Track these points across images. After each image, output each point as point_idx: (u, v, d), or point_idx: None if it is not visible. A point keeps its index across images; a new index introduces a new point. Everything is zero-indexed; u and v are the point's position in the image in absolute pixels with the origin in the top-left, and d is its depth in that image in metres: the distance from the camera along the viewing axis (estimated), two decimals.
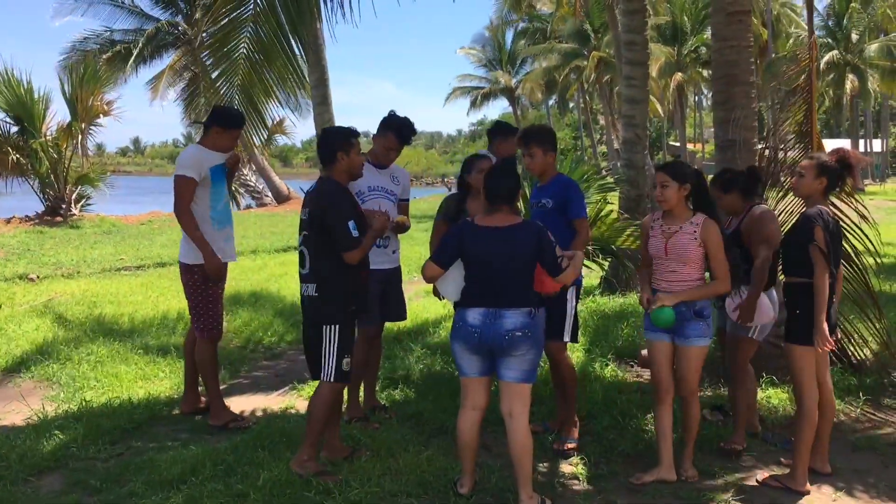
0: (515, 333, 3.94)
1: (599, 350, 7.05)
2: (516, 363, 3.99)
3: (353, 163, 4.49)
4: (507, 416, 4.03)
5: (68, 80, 21.42)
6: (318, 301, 4.40)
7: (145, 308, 9.13)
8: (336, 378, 4.39)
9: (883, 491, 4.43)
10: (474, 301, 4.05)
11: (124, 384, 6.21)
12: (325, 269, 4.38)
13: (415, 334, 7.94)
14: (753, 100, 6.45)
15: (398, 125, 5.29)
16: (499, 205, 4.09)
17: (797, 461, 4.41)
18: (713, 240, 4.31)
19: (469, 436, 4.13)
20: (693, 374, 4.42)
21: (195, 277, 5.34)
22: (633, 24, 10.34)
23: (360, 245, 4.35)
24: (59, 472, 4.58)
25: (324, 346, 4.39)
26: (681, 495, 4.29)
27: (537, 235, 4.05)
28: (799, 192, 4.65)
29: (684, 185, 4.37)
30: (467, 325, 4.03)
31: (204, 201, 5.34)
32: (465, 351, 4.07)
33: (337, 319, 4.38)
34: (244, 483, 4.17)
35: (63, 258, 14.19)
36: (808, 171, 4.50)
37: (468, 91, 60.04)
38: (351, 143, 4.49)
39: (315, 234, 4.39)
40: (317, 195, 4.42)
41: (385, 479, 4.28)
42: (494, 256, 4.01)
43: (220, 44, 7.15)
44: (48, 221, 20.27)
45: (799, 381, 4.44)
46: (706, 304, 4.38)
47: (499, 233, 4.03)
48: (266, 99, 7.22)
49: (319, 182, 4.50)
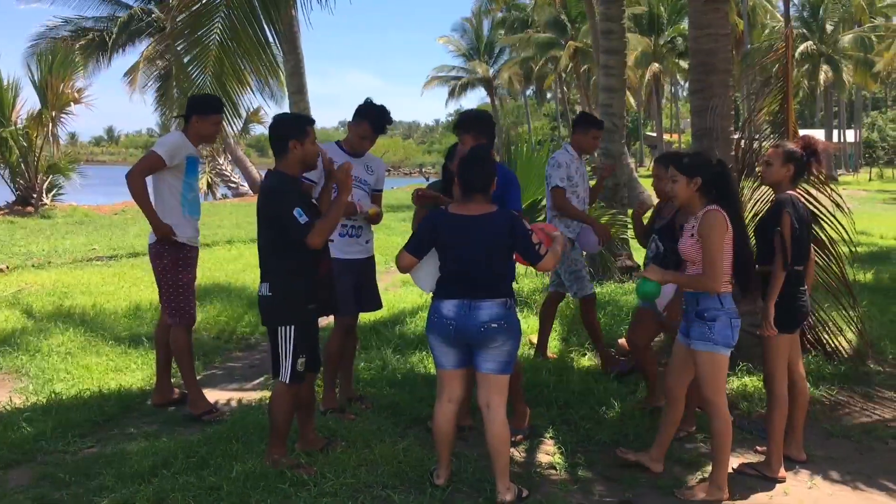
0: (491, 325, 3.90)
1: (576, 339, 7.05)
2: (493, 355, 3.95)
3: (308, 152, 4.26)
4: (485, 408, 3.99)
5: (37, 67, 21.07)
6: (272, 301, 4.22)
7: (117, 298, 9.00)
8: (291, 380, 4.25)
9: (858, 478, 4.46)
10: (449, 293, 4.00)
11: (95, 376, 6.11)
12: (278, 268, 4.20)
13: (391, 324, 7.89)
14: (730, 88, 6.45)
15: (373, 113, 5.20)
16: (472, 193, 4.02)
17: (771, 448, 4.42)
18: (705, 233, 4.02)
19: (446, 428, 4.10)
20: (704, 382, 4.12)
21: (164, 262, 5.27)
22: (610, 12, 10.33)
23: (316, 227, 4.07)
24: (27, 466, 4.48)
25: (280, 346, 4.23)
26: (658, 484, 4.29)
27: (510, 223, 3.99)
28: (767, 181, 4.65)
29: (693, 179, 4.13)
30: (442, 317, 3.98)
31: (176, 188, 5.29)
32: (441, 343, 4.03)
33: (291, 320, 4.21)
34: (217, 475, 4.10)
35: (34, 248, 13.97)
36: (776, 159, 4.50)
37: (446, 81, 59.93)
38: (305, 131, 4.26)
39: (264, 231, 4.22)
40: (262, 190, 4.25)
41: (361, 470, 4.24)
42: (467, 245, 3.95)
43: (192, 30, 7.03)
44: (18, 211, 19.99)
45: (771, 367, 4.46)
46: (711, 306, 4.06)
47: (472, 221, 3.97)
48: (239, 87, 7.12)
49: (266, 175, 4.30)
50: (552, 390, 5.61)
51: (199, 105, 5.40)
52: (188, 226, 5.35)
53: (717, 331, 4.04)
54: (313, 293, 4.30)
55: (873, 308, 8.04)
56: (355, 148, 5.25)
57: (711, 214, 4.05)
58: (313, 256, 4.24)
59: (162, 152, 5.16)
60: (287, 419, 4.33)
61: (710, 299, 4.07)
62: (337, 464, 4.29)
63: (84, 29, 26.17)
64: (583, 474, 4.43)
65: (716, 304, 4.05)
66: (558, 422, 5.15)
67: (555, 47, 46.84)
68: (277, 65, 8.09)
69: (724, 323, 4.05)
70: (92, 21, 26.52)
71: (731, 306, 4.09)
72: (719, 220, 4.03)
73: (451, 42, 60.14)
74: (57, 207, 21.37)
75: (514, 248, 4.01)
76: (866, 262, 11.37)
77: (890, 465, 4.66)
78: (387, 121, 5.27)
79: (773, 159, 4.52)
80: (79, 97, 21.86)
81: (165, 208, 5.25)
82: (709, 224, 4.03)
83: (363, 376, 6.08)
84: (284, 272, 4.20)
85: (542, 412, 5.27)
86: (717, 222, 4.02)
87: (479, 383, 4.05)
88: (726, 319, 4.05)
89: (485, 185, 4.03)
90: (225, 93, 7.06)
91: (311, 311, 4.34)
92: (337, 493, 3.98)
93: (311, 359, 4.37)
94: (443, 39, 60.39)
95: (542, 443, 4.85)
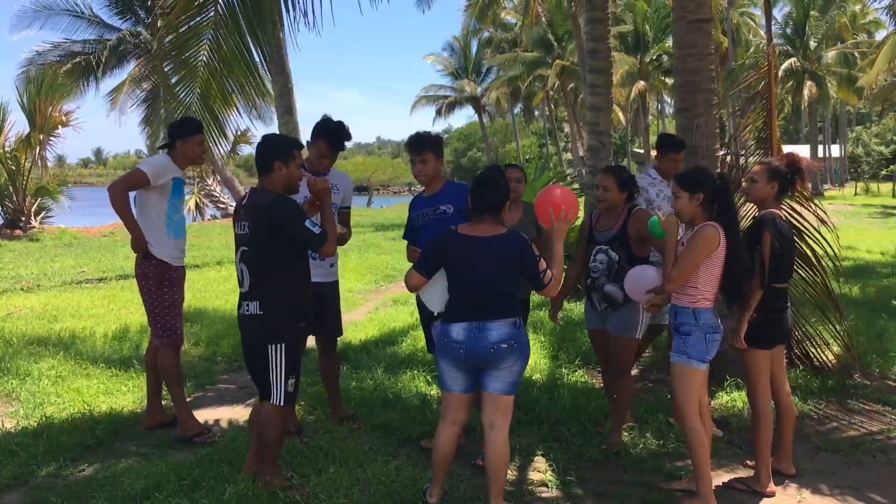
0: (501, 346, 3.87)
1: (566, 356, 7.08)
2: (503, 375, 3.93)
3: (291, 176, 4.26)
4: (489, 428, 3.97)
5: (25, 91, 21.10)
6: (262, 320, 4.18)
7: (107, 321, 8.98)
8: (285, 402, 4.24)
9: (846, 491, 4.49)
10: (457, 316, 3.96)
11: (86, 399, 6.08)
12: (269, 286, 4.16)
13: (382, 344, 7.90)
14: (715, 107, 6.53)
15: (328, 131, 5.21)
16: (483, 215, 4.00)
17: (759, 463, 4.47)
18: (691, 243, 4.12)
19: (446, 450, 4.08)
20: (676, 394, 4.21)
21: (150, 282, 5.30)
22: (596, 32, 10.43)
23: (329, 236, 4.22)
24: (18, 490, 4.47)
25: (271, 366, 4.19)
26: (648, 499, 4.31)
27: (519, 248, 3.96)
28: (752, 198, 4.69)
29: (696, 195, 4.17)
30: (451, 341, 3.94)
31: (161, 208, 5.32)
32: (451, 368, 3.99)
33: (283, 338, 4.18)
34: (209, 497, 4.11)
35: (22, 272, 13.93)
36: (760, 177, 4.54)
37: (434, 100, 60.13)
38: (292, 154, 4.26)
39: (257, 250, 4.17)
40: (255, 208, 4.18)
41: (353, 490, 4.25)
42: (475, 266, 3.93)
43: (179, 51, 7.07)
44: (7, 234, 19.93)
45: (753, 382, 4.51)
46: (687, 321, 4.15)
47: (481, 242, 3.95)
48: (226, 108, 7.14)
49: (254, 194, 4.25)
50: (543, 408, 5.63)
51: (179, 128, 5.45)
52: (173, 246, 5.38)
53: (691, 345, 4.13)
54: (303, 311, 4.31)
55: (860, 322, 8.12)
56: (315, 167, 5.22)
57: (706, 229, 4.12)
58: (304, 275, 4.28)
59: (147, 170, 5.21)
60: (279, 440, 4.32)
61: (685, 314, 4.16)
62: (329, 484, 4.30)
63: (72, 52, 26.20)
64: (574, 491, 4.45)
65: (690, 320, 4.15)
66: (549, 439, 5.17)
67: (542, 66, 47.13)
68: (265, 86, 8.13)
69: (699, 338, 4.13)
70: (80, 44, 26.57)
71: (708, 322, 4.14)
72: (711, 235, 4.09)
73: (439, 60, 60.43)
74: (45, 230, 21.31)
75: (521, 273, 3.98)
76: (853, 276, 11.46)
77: (878, 477, 4.70)
78: (344, 137, 5.25)
79: (757, 176, 4.56)
80: (67, 120, 21.93)
81: (150, 228, 5.29)
82: (698, 236, 4.11)
83: (354, 395, 6.09)
84: (277, 290, 4.18)
85: (534, 430, 5.29)
86: (707, 238, 4.09)
87: (485, 403, 4.02)
88: (701, 335, 4.13)
89: (496, 206, 4.01)
90: (212, 114, 7.09)
91: (301, 330, 4.35)
92: None
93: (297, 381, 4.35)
94: (430, 58, 60.69)
95: (533, 460, 4.87)
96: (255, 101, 7.63)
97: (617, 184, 4.96)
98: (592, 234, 5.10)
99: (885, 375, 6.68)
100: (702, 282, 4.13)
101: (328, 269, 5.32)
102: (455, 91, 59.63)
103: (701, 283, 4.13)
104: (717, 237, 4.08)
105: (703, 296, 4.14)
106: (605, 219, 5.07)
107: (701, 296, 4.14)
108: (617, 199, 4.97)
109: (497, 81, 52.35)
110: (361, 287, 12.46)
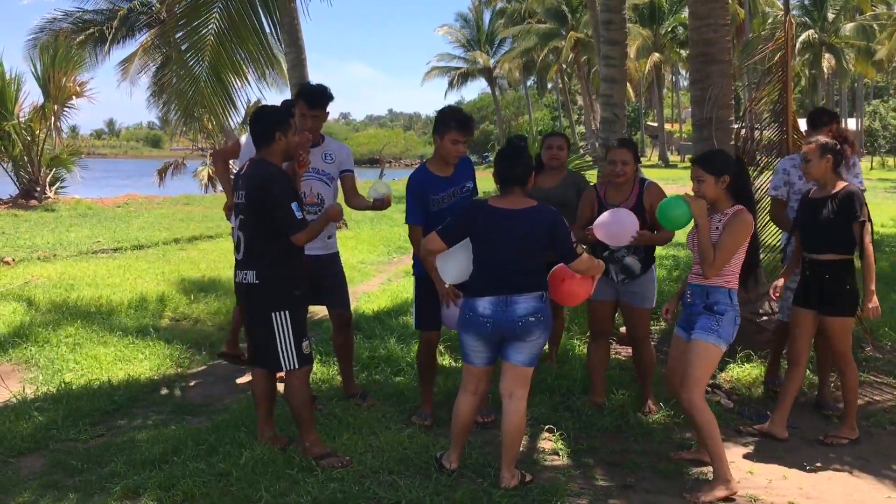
0: (529, 319, 3.90)
1: (578, 328, 7.11)
2: (527, 347, 3.97)
3: (291, 143, 4.31)
4: (507, 397, 4.02)
5: (40, 61, 21.11)
6: (261, 288, 4.21)
7: (123, 290, 9.07)
8: (300, 363, 4.26)
9: (856, 462, 4.54)
10: (484, 289, 3.96)
11: (103, 366, 6.19)
12: (265, 255, 4.20)
13: (395, 314, 7.97)
14: (729, 78, 6.49)
15: (306, 91, 5.18)
16: (510, 186, 3.99)
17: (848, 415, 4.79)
18: (733, 229, 4.09)
19: (467, 418, 4.14)
20: (692, 373, 4.11)
21: None
22: (610, 2, 10.29)
23: (307, 227, 4.19)
24: (39, 454, 4.57)
25: (277, 334, 4.21)
26: (658, 468, 4.36)
27: (552, 219, 3.94)
28: (811, 176, 4.74)
29: (721, 178, 4.16)
30: (478, 315, 3.94)
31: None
32: (476, 341, 4.02)
33: (286, 305, 4.21)
34: (226, 462, 4.19)
35: (39, 241, 14.04)
36: (812, 155, 4.64)
37: (446, 71, 59.68)
38: (290, 123, 4.29)
39: (253, 218, 4.20)
40: (253, 178, 4.20)
41: (367, 456, 4.32)
42: (508, 239, 3.91)
43: (188, 19, 7.04)
44: (22, 205, 20.05)
45: (843, 350, 4.73)
46: (722, 301, 4.14)
47: (514, 214, 3.93)
48: (236, 77, 7.13)
49: (253, 164, 4.27)
50: (554, 378, 5.68)
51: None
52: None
53: (724, 325, 4.13)
54: (299, 280, 4.32)
55: None
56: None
57: (744, 214, 4.17)
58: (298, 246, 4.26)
59: (242, 139, 5.39)
60: (306, 404, 4.35)
61: (720, 293, 4.15)
62: (343, 450, 4.38)
63: (84, 22, 26.10)
64: (585, 460, 4.50)
65: (726, 299, 4.15)
66: (560, 409, 5.22)
67: (556, 38, 46.72)
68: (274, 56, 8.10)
69: (731, 319, 4.15)
70: (92, 14, 26.46)
71: (738, 303, 4.19)
72: (749, 220, 4.19)
73: (451, 32, 59.85)
74: (60, 200, 21.42)
75: (552, 245, 3.95)
76: None
77: (889, 450, 4.73)
78: (322, 97, 5.14)
79: (810, 155, 4.66)
80: (81, 90, 21.92)
81: None
82: (738, 221, 4.13)
83: (368, 365, 6.15)
84: (273, 258, 4.20)
85: (545, 399, 5.34)
86: (748, 222, 4.17)
87: (505, 373, 4.05)
88: (733, 316, 4.16)
89: (524, 177, 3.99)
90: (221, 84, 7.09)
91: (298, 297, 4.33)
92: (344, 478, 4.06)
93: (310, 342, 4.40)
94: (442, 29, 60.09)
95: (544, 430, 4.92)
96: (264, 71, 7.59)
97: (633, 157, 4.99)
98: (603, 206, 5.10)
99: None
100: (735, 263, 4.17)
101: (326, 242, 5.26)
102: (468, 63, 59.20)
103: (734, 264, 4.17)
104: (752, 220, 4.18)
105: (734, 276, 4.19)
106: (614, 192, 5.07)
107: (733, 276, 4.18)
108: (632, 172, 5.00)
109: (510, 53, 51.89)
110: (374, 259, 12.51)
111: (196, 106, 7.12)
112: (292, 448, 4.34)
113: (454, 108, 4.95)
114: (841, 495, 4.15)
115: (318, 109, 5.15)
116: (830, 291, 4.67)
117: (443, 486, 4.02)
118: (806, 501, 4.07)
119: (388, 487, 4.01)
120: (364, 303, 8.68)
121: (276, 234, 4.18)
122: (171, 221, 17.98)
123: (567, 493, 4.01)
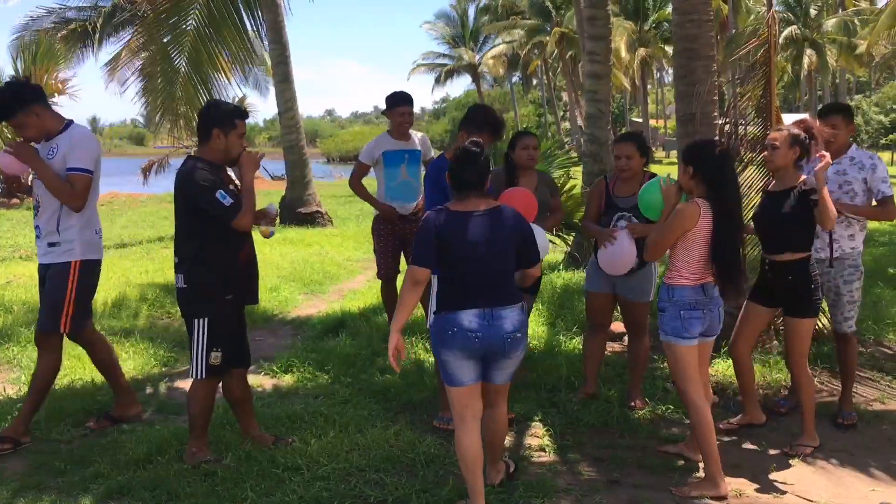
0: (516, 335, 3.64)
1: (564, 323, 7.12)
2: (511, 365, 3.74)
3: (231, 145, 4.12)
4: (488, 407, 3.83)
5: (21, 59, 20.89)
6: (186, 292, 4.12)
7: (106, 289, 8.96)
8: (207, 374, 4.17)
9: (840, 455, 4.57)
10: (465, 302, 3.59)
11: (87, 366, 6.11)
12: (191, 258, 4.08)
13: (380, 311, 7.93)
14: (713, 74, 6.50)
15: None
16: (466, 191, 3.66)
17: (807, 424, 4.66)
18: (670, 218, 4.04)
19: (475, 451, 3.65)
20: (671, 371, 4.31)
21: None
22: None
23: (242, 207, 4.01)
24: (21, 455, 4.52)
25: (192, 340, 4.12)
26: (644, 463, 4.37)
27: (516, 218, 3.72)
28: (774, 165, 4.62)
29: (687, 167, 4.08)
30: (464, 330, 3.56)
31: (381, 179, 6.66)
32: (461, 358, 3.61)
33: (205, 312, 4.09)
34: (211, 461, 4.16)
35: (20, 240, 13.93)
36: (783, 143, 4.50)
37: (432, 68, 59.73)
38: (233, 123, 4.12)
39: (180, 219, 4.11)
40: (176, 176, 4.08)
41: (353, 455, 4.31)
42: (481, 244, 3.59)
43: (167, 14, 7.01)
44: (4, 203, 19.88)
45: (804, 352, 4.65)
46: (662, 297, 4.14)
47: (481, 217, 3.63)
48: (215, 72, 7.12)
49: (185, 160, 4.16)
50: (540, 374, 5.68)
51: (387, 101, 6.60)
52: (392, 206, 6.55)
53: (665, 321, 4.12)
54: (229, 283, 4.17)
55: None
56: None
57: (687, 205, 4.02)
58: (230, 244, 4.14)
59: (361, 158, 6.67)
60: (204, 415, 4.28)
61: (662, 290, 4.17)
62: (330, 448, 4.36)
63: (67, 19, 25.86)
64: (571, 456, 4.51)
65: (665, 296, 4.13)
66: (547, 405, 5.22)
67: (540, 33, 46.81)
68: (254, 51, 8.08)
69: (672, 314, 4.07)
70: (75, 11, 26.22)
71: (684, 298, 4.05)
72: (688, 213, 3.98)
73: (435, 28, 59.89)
74: None
75: (522, 242, 3.72)
76: None
77: (872, 442, 4.77)
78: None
79: (779, 143, 4.51)
80: (63, 88, 21.69)
81: (379, 196, 6.66)
82: (678, 213, 4.01)
83: (354, 363, 6.13)
84: (199, 262, 4.09)
85: (531, 395, 5.34)
86: (683, 215, 3.99)
87: (486, 391, 3.80)
88: (674, 311, 4.07)
89: (480, 182, 3.68)
90: (202, 80, 7.07)
91: (229, 303, 4.19)
92: (330, 476, 4.05)
93: (236, 352, 4.30)
94: (426, 25, 60.19)
95: (531, 426, 4.92)
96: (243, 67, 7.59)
97: (638, 151, 4.99)
98: (611, 200, 5.10)
99: (879, 342, 6.74)
100: (679, 259, 4.08)
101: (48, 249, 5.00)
102: (453, 59, 59.20)
103: (678, 260, 4.09)
104: (694, 215, 3.95)
105: (679, 273, 4.08)
106: (623, 185, 5.08)
107: (677, 273, 4.08)
108: (638, 166, 4.99)
109: (496, 50, 51.93)
110: (360, 256, 12.47)
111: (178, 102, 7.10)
112: (200, 457, 4.25)
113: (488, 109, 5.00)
114: (825, 487, 4.17)
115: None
116: (797, 293, 4.56)
117: (429, 484, 4.02)
118: (790, 494, 4.09)
119: (374, 485, 4.00)
120: (350, 300, 8.65)
121: (203, 234, 4.05)
122: (156, 219, 17.88)
123: (554, 490, 4.01)
